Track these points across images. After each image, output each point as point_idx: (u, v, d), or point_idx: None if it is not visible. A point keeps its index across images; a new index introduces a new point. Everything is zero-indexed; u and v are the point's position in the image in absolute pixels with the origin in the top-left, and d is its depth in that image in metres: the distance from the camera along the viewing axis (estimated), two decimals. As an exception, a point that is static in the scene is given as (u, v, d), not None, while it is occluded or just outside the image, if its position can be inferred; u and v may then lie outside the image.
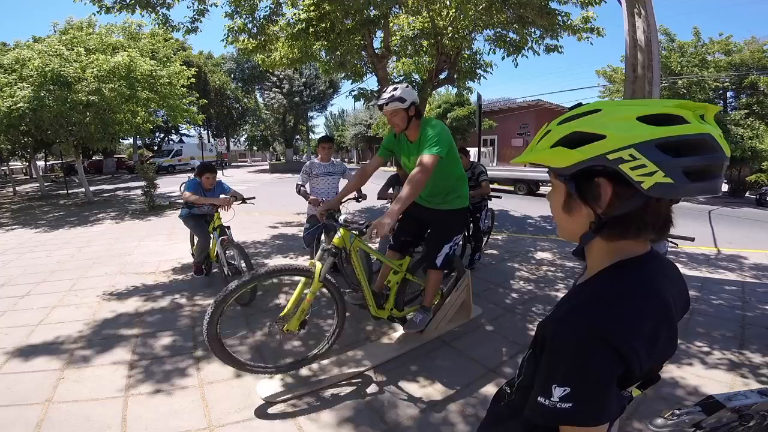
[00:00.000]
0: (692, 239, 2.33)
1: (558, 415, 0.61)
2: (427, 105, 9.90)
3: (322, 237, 3.52)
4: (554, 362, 0.63)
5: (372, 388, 2.37)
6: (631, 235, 0.64)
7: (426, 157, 2.27)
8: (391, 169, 6.74)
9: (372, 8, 5.52)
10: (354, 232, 2.42)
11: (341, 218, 2.38)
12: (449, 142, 2.42)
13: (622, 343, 0.57)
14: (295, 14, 5.94)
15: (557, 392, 0.60)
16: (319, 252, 2.35)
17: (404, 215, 2.53)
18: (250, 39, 6.34)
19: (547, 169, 0.71)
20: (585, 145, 0.61)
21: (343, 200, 3.02)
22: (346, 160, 37.24)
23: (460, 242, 2.73)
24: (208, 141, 28.95)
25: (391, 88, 2.45)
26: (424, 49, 6.84)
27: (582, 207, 0.66)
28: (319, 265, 2.26)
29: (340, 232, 2.35)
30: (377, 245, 4.03)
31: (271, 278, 2.22)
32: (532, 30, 6.35)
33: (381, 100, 2.44)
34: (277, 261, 5.00)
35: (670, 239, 2.52)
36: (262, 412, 2.14)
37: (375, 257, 3.00)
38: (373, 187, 3.80)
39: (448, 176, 2.56)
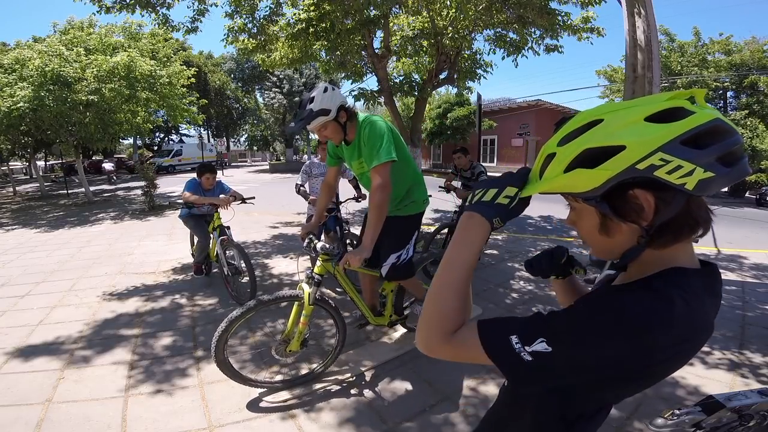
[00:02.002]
0: (695, 240, 2.33)
1: (506, 358, 0.57)
2: (427, 105, 9.91)
3: (322, 237, 3.52)
4: (567, 318, 0.59)
5: (372, 388, 2.37)
6: (685, 236, 0.60)
7: (377, 176, 2.03)
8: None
9: (372, 8, 5.52)
10: (329, 260, 2.30)
11: (318, 245, 2.24)
12: (395, 140, 2.13)
13: (655, 347, 0.53)
14: (295, 14, 5.94)
15: (538, 345, 0.56)
16: (305, 277, 2.26)
17: (363, 227, 2.36)
18: (250, 39, 6.34)
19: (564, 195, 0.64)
20: (606, 160, 0.56)
21: (323, 219, 2.86)
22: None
23: (413, 248, 2.54)
24: (208, 141, 28.95)
25: (306, 98, 2.08)
26: (424, 49, 6.84)
27: (621, 225, 0.60)
28: (307, 288, 2.20)
29: (319, 260, 2.24)
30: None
31: (264, 307, 2.22)
32: (532, 30, 6.35)
33: (299, 119, 2.07)
34: (277, 261, 5.00)
35: None
36: (262, 412, 2.14)
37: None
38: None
39: (399, 184, 2.28)
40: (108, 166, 20.59)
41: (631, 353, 0.54)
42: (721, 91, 15.60)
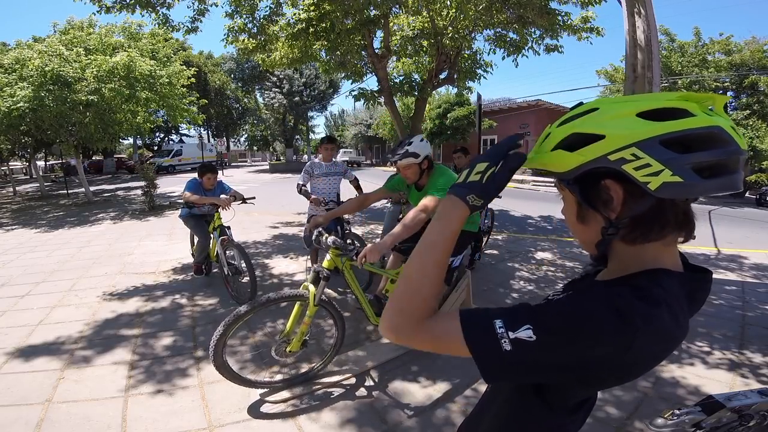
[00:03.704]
0: (692, 237, 2.33)
1: (483, 345, 0.55)
2: (427, 105, 9.90)
3: (323, 231, 3.51)
4: (552, 308, 0.58)
5: (372, 388, 2.37)
6: (654, 234, 0.59)
7: (429, 200, 2.30)
8: (392, 170, 6.72)
9: (372, 8, 5.52)
10: (342, 255, 2.34)
11: (329, 240, 2.28)
12: None
13: (634, 343, 0.52)
14: (295, 14, 5.94)
15: (523, 332, 0.54)
16: (312, 274, 2.28)
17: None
18: (250, 39, 6.33)
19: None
20: (584, 146, 0.58)
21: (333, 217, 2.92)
22: (362, 159, 37.20)
23: (465, 257, 2.72)
24: (208, 141, 28.94)
25: (405, 141, 2.48)
26: (424, 49, 6.84)
27: (594, 214, 0.61)
28: (312, 288, 2.22)
29: (330, 254, 2.28)
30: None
31: (267, 306, 2.21)
32: (532, 30, 6.35)
33: (395, 156, 2.45)
34: (277, 261, 5.01)
35: None
36: (262, 412, 2.14)
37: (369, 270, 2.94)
38: (374, 187, 3.80)
39: None
40: (72, 161, 18.40)
41: (613, 347, 0.53)
42: (721, 91, 15.59)
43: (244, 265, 3.58)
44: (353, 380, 2.45)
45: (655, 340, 0.54)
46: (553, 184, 0.71)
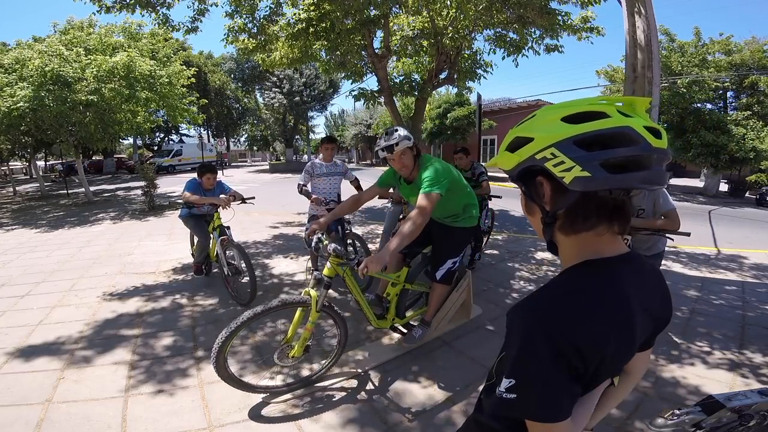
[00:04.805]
0: (688, 234, 2.32)
1: (506, 407, 0.63)
2: (427, 105, 9.90)
3: (323, 237, 3.51)
4: (507, 352, 0.66)
5: (372, 388, 2.37)
6: (579, 225, 0.66)
7: (422, 200, 2.21)
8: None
9: (372, 8, 5.52)
10: (343, 265, 2.32)
11: (330, 247, 2.26)
12: (449, 178, 2.34)
13: (564, 341, 0.58)
14: (295, 14, 5.94)
15: (504, 383, 0.63)
16: (313, 280, 2.26)
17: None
18: (250, 39, 6.34)
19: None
20: (520, 148, 0.68)
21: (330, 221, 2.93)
22: (346, 160, 37.24)
23: (466, 257, 2.68)
24: (208, 141, 28.93)
25: (391, 129, 2.39)
26: (424, 49, 6.84)
27: (535, 206, 0.71)
28: (314, 294, 2.20)
29: (330, 262, 2.26)
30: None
31: (269, 315, 2.19)
32: (532, 30, 6.35)
33: (392, 140, 2.32)
34: (277, 261, 5.01)
35: (666, 235, 2.51)
36: (262, 412, 2.14)
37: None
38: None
39: (455, 205, 2.56)
40: (64, 164, 17.89)
41: (564, 348, 0.59)
42: (721, 91, 15.57)
43: (244, 265, 3.58)
44: (353, 380, 2.45)
45: (584, 330, 0.60)
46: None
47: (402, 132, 2.34)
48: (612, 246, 0.68)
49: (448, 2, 6.10)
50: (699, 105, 14.69)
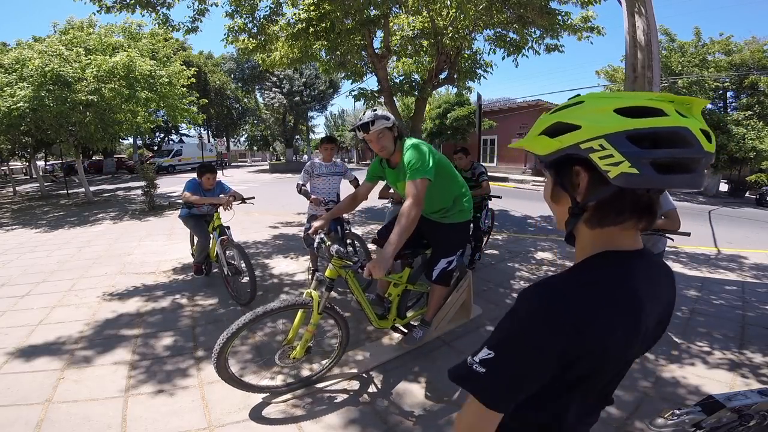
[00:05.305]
0: (688, 234, 2.32)
1: (467, 377, 0.63)
2: (427, 105, 9.90)
3: (325, 238, 3.51)
4: (499, 324, 0.65)
5: (372, 389, 2.37)
6: (610, 220, 0.65)
7: (411, 188, 2.10)
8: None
9: (372, 8, 5.52)
10: (346, 267, 2.30)
11: (332, 249, 2.22)
12: (435, 161, 2.22)
13: (569, 331, 0.58)
14: (295, 14, 5.94)
15: (482, 353, 0.62)
16: (314, 281, 2.25)
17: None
18: (250, 39, 6.34)
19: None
20: (563, 134, 0.64)
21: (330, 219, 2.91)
22: (346, 160, 37.25)
23: (463, 255, 2.62)
24: (208, 141, 28.93)
25: (369, 110, 2.30)
26: (424, 49, 6.84)
27: (565, 195, 0.68)
28: (315, 295, 2.18)
29: (332, 264, 2.23)
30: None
31: (271, 317, 2.18)
32: (532, 30, 6.35)
33: (366, 118, 2.23)
34: (277, 261, 5.00)
35: (666, 235, 2.51)
36: (262, 413, 2.14)
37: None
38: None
39: (444, 195, 2.43)
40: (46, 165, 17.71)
41: (566, 345, 0.59)
42: (721, 91, 15.57)
43: (244, 265, 3.58)
44: (354, 381, 2.45)
45: (591, 324, 0.59)
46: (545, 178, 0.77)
47: (380, 111, 2.25)
48: (631, 240, 0.67)
49: (448, 2, 6.10)
50: (699, 105, 14.68)
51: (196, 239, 4.16)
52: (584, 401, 0.71)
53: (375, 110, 2.27)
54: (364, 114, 2.31)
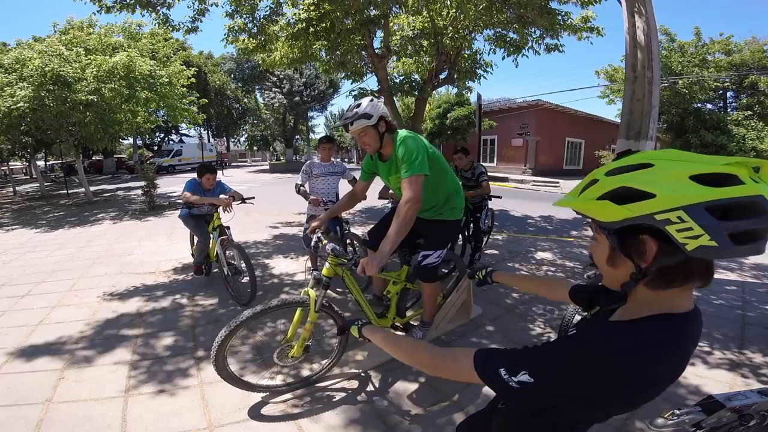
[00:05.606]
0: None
1: (497, 381, 0.68)
2: (427, 105, 9.90)
3: (322, 237, 3.51)
4: (558, 347, 0.69)
5: (372, 388, 2.37)
6: (678, 284, 0.63)
7: (408, 187, 2.05)
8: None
9: (372, 8, 5.52)
10: (342, 265, 2.29)
11: (328, 247, 2.21)
12: (430, 155, 2.19)
13: (626, 383, 0.62)
14: (295, 14, 5.94)
15: (522, 377, 0.65)
16: (312, 280, 2.25)
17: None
18: (250, 39, 6.33)
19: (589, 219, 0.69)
20: (633, 202, 0.60)
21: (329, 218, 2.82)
22: (345, 160, 37.25)
23: (441, 257, 2.57)
24: (208, 141, 28.93)
25: (354, 104, 2.22)
26: (424, 48, 6.83)
27: (626, 260, 0.65)
28: (313, 294, 2.18)
29: (329, 262, 2.23)
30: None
31: (268, 314, 2.19)
32: (532, 30, 6.35)
33: (345, 119, 2.19)
34: (277, 261, 5.01)
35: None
36: (262, 412, 2.14)
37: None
38: (374, 186, 3.80)
39: (438, 191, 2.39)
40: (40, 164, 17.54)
41: (611, 385, 0.62)
42: (721, 91, 15.58)
43: (244, 265, 3.58)
44: (354, 380, 2.45)
45: (652, 379, 0.63)
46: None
47: (363, 105, 2.15)
48: (689, 301, 0.67)
49: (448, 2, 6.10)
50: (699, 105, 14.70)
51: (196, 239, 4.16)
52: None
53: (359, 104, 2.18)
54: (349, 109, 2.24)
